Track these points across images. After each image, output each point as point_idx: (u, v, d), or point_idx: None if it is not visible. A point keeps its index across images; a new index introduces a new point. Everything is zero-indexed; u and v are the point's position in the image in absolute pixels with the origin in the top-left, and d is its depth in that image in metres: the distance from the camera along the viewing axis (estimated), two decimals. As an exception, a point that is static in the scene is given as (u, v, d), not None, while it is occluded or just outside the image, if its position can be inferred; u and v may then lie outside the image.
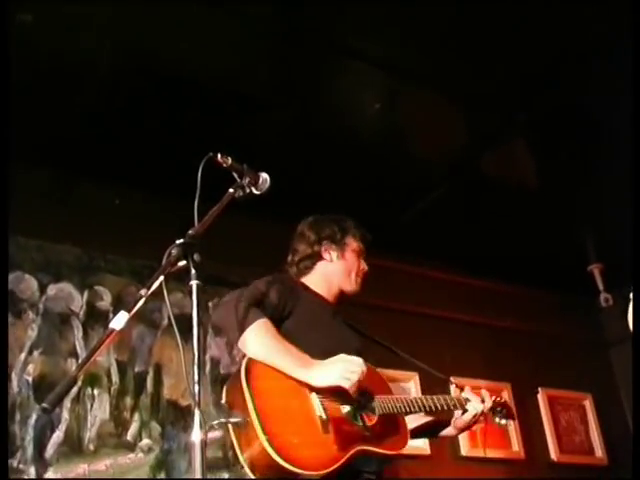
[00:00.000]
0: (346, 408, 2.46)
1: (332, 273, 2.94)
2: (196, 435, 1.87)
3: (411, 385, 4.74)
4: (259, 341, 2.43)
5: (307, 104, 3.86)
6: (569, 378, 5.53)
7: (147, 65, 3.50)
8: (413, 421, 2.87)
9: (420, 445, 4.56)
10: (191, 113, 3.79)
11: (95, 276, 3.98)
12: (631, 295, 2.44)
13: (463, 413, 2.91)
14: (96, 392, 3.73)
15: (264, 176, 2.35)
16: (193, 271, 2.02)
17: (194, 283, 2.02)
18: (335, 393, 2.42)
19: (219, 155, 2.27)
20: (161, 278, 1.94)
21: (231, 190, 2.30)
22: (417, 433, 2.94)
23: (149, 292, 1.92)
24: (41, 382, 3.59)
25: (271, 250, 4.50)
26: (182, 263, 2.02)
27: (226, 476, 3.89)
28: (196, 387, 1.93)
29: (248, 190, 2.33)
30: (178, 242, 2.02)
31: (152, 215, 4.16)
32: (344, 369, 2.36)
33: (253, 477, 2.30)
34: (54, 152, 3.89)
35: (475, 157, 4.43)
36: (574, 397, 5.59)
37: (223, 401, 2.51)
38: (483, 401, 2.91)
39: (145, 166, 4.06)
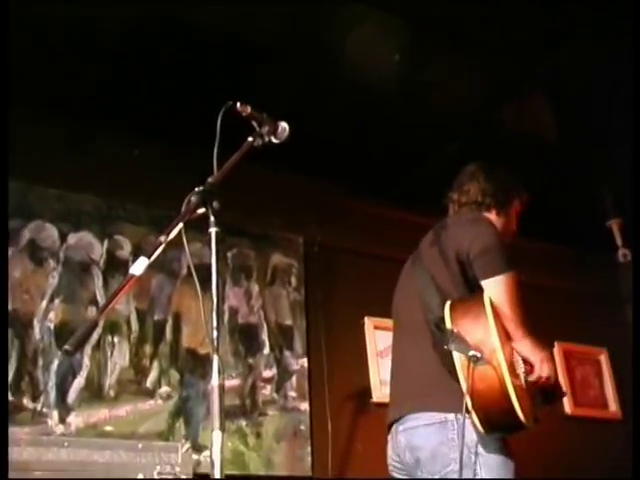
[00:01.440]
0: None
1: None
2: (215, 381, 1.89)
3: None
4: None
5: (324, 54, 3.82)
6: (585, 333, 5.53)
7: (166, 15, 3.47)
8: None
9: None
10: (209, 64, 3.77)
11: (115, 225, 4.01)
12: None
13: None
14: (116, 340, 3.79)
15: (283, 125, 2.33)
16: (212, 218, 2.03)
17: (213, 230, 2.04)
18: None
19: (238, 103, 2.27)
20: (180, 225, 1.96)
21: (250, 139, 2.28)
22: None
23: (168, 238, 1.94)
24: (62, 329, 3.65)
25: (289, 201, 4.56)
26: (201, 210, 2.03)
27: (243, 423, 3.96)
28: (214, 333, 1.95)
29: (267, 139, 2.31)
30: (197, 189, 2.03)
31: (171, 166, 4.16)
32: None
33: (472, 412, 2.40)
34: (74, 102, 3.89)
35: (494, 109, 4.38)
36: (590, 352, 5.60)
37: (448, 326, 2.52)
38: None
39: (163, 117, 4.05)
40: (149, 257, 1.87)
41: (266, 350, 4.19)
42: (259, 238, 4.40)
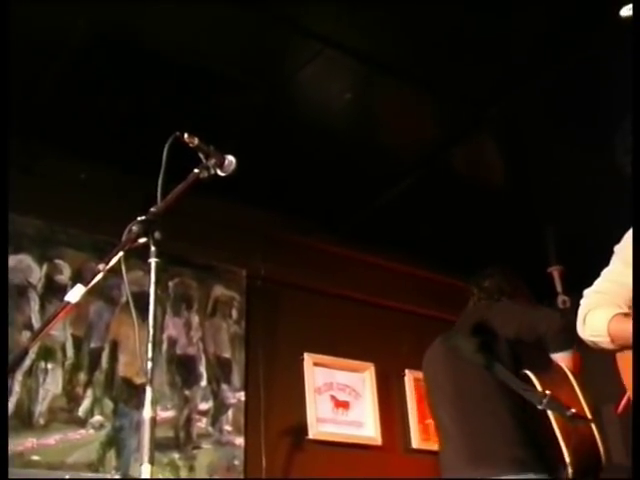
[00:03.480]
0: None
1: None
2: (146, 413, 1.87)
3: (366, 375, 4.77)
4: None
5: (277, 88, 3.85)
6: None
7: (121, 40, 3.46)
8: None
9: (371, 435, 4.61)
10: (161, 92, 3.76)
11: (55, 249, 3.94)
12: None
13: None
14: (50, 366, 3.70)
15: (230, 158, 2.34)
16: (153, 249, 2.03)
17: (153, 261, 2.03)
18: None
19: (186, 135, 2.27)
20: (120, 254, 1.95)
21: (196, 170, 2.29)
22: None
23: (107, 267, 1.92)
24: (-6, 353, 3.56)
25: (235, 233, 4.55)
26: (142, 240, 2.02)
27: (176, 456, 3.89)
28: (149, 364, 1.92)
29: (213, 171, 2.32)
30: (139, 219, 2.02)
31: (117, 192, 4.12)
32: None
33: (569, 468, 2.80)
34: (20, 123, 3.83)
35: (443, 150, 4.45)
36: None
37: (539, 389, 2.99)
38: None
39: (112, 143, 4.03)
40: (86, 285, 1.85)
41: (203, 382, 4.14)
42: (202, 269, 4.37)
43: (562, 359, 3.12)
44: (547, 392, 2.92)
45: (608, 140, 2.32)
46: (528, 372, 3.06)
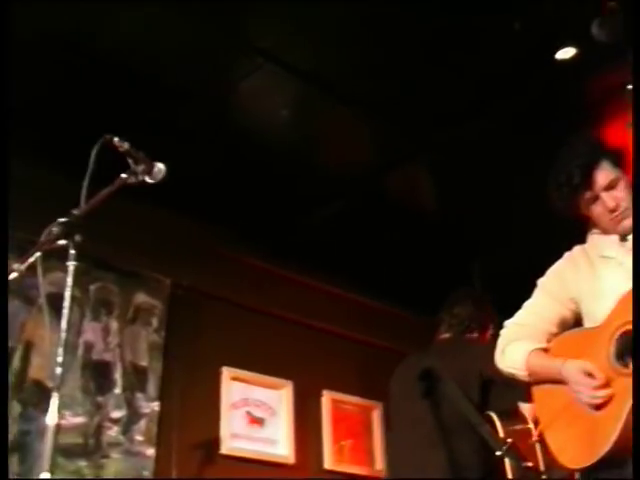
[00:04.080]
0: None
1: None
2: (51, 419, 1.82)
3: (283, 393, 4.75)
4: None
5: (218, 99, 3.84)
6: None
7: (62, 39, 3.40)
8: None
9: (284, 454, 4.59)
10: (101, 93, 3.71)
11: (-26, 245, 3.82)
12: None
13: None
14: (-43, 363, 3.58)
15: (159, 166, 2.30)
16: (72, 252, 1.99)
17: (71, 264, 1.99)
18: None
19: (115, 139, 2.23)
20: (37, 254, 1.90)
21: (124, 175, 2.25)
22: None
23: (22, 267, 1.88)
24: None
25: (162, 241, 4.49)
26: (62, 242, 1.98)
27: (83, 464, 3.80)
28: (58, 369, 1.88)
29: (141, 178, 2.28)
30: (60, 220, 1.98)
31: (42, 191, 4.03)
32: None
33: None
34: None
35: (378, 175, 4.50)
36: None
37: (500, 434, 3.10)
38: None
39: (39, 140, 3.94)
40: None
41: (117, 390, 4.06)
42: (126, 275, 4.30)
43: (525, 408, 3.14)
44: (508, 440, 2.97)
45: (541, 176, 2.38)
46: (493, 414, 3.09)
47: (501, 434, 3.05)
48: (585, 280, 2.46)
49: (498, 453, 2.91)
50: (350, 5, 3.23)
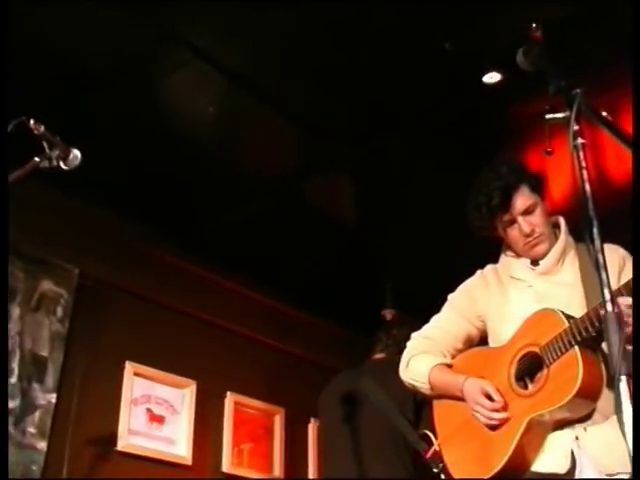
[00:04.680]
0: None
1: None
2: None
3: (186, 392, 4.69)
4: None
5: (143, 92, 3.77)
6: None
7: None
8: None
9: (182, 454, 4.52)
10: (24, 75, 3.58)
11: None
12: None
13: None
14: None
15: (75, 152, 2.25)
16: (-25, 234, 1.91)
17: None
18: None
19: (32, 121, 2.16)
20: None
21: (37, 159, 2.19)
22: None
23: None
24: None
25: (74, 230, 4.36)
26: (-36, 223, 1.90)
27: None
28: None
29: (56, 163, 2.22)
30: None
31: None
32: None
33: None
34: None
35: (299, 180, 4.49)
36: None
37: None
38: None
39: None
40: None
41: (13, 379, 3.91)
42: (32, 261, 4.16)
43: None
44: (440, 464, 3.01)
45: (460, 196, 2.42)
46: (429, 433, 3.11)
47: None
48: (494, 299, 2.52)
49: (435, 470, 2.94)
50: (283, 8, 3.22)
